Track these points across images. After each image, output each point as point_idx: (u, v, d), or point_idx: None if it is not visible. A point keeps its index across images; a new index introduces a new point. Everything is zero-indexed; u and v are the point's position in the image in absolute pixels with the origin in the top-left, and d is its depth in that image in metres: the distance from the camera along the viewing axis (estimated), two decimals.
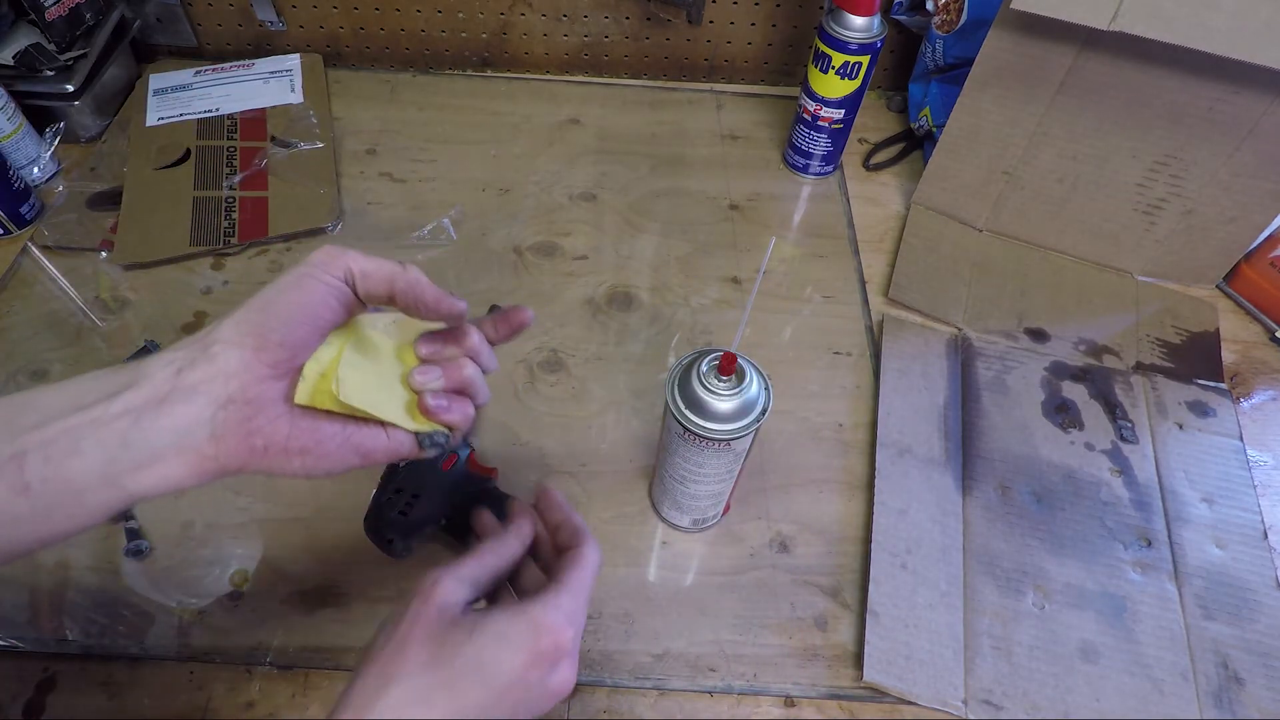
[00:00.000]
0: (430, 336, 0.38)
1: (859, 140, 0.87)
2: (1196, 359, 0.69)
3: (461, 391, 0.39)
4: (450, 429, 0.38)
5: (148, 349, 0.63)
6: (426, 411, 0.37)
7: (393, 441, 0.37)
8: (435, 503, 0.51)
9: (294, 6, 0.85)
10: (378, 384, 0.36)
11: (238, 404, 0.32)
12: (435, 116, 0.86)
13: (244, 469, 0.33)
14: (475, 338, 0.39)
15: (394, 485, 0.51)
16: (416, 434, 0.37)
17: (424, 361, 0.38)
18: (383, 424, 0.37)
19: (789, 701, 0.50)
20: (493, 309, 0.43)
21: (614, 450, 0.61)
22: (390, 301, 0.36)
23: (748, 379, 0.45)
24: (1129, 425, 0.64)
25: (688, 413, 0.45)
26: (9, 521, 0.30)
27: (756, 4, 0.85)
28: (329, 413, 0.35)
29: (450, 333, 0.39)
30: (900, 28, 0.85)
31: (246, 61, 0.86)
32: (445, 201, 0.77)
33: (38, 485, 0.29)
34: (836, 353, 0.68)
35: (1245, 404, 0.67)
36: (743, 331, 0.43)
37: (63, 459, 0.30)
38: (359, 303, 0.36)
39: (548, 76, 0.92)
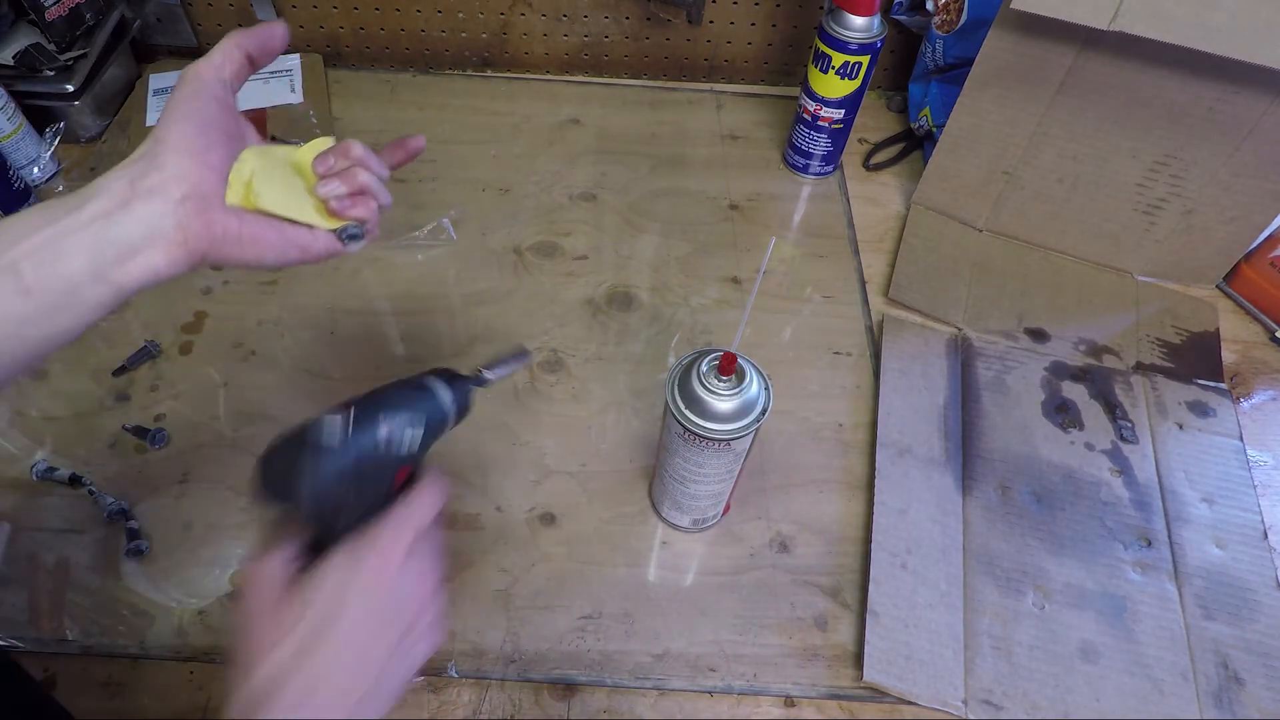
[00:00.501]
0: (322, 155, 0.42)
1: (859, 140, 0.87)
2: (1196, 359, 0.69)
3: (362, 194, 0.42)
4: (361, 222, 0.42)
5: (148, 349, 0.63)
6: (334, 212, 0.41)
7: (319, 240, 0.41)
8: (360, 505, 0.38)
9: (294, 6, 0.85)
10: (288, 194, 0.41)
11: (193, 199, 0.36)
12: (435, 116, 0.86)
13: (209, 255, 0.37)
14: (358, 149, 0.42)
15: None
16: (335, 231, 0.42)
17: (321, 177, 0.42)
18: (309, 226, 0.41)
19: (789, 701, 0.50)
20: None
21: (614, 450, 0.61)
22: (251, 63, 0.42)
23: (748, 379, 0.45)
24: (1129, 425, 0.64)
25: (688, 413, 0.45)
26: (19, 321, 0.33)
27: (756, 4, 0.85)
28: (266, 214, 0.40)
29: (337, 149, 0.43)
30: (900, 28, 0.85)
31: None
32: (445, 201, 0.77)
33: (36, 287, 0.33)
34: (836, 353, 0.68)
35: (1245, 404, 0.67)
36: (743, 331, 0.43)
37: (54, 262, 0.33)
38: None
39: (548, 76, 0.92)
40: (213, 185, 0.37)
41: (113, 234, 0.34)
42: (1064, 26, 0.60)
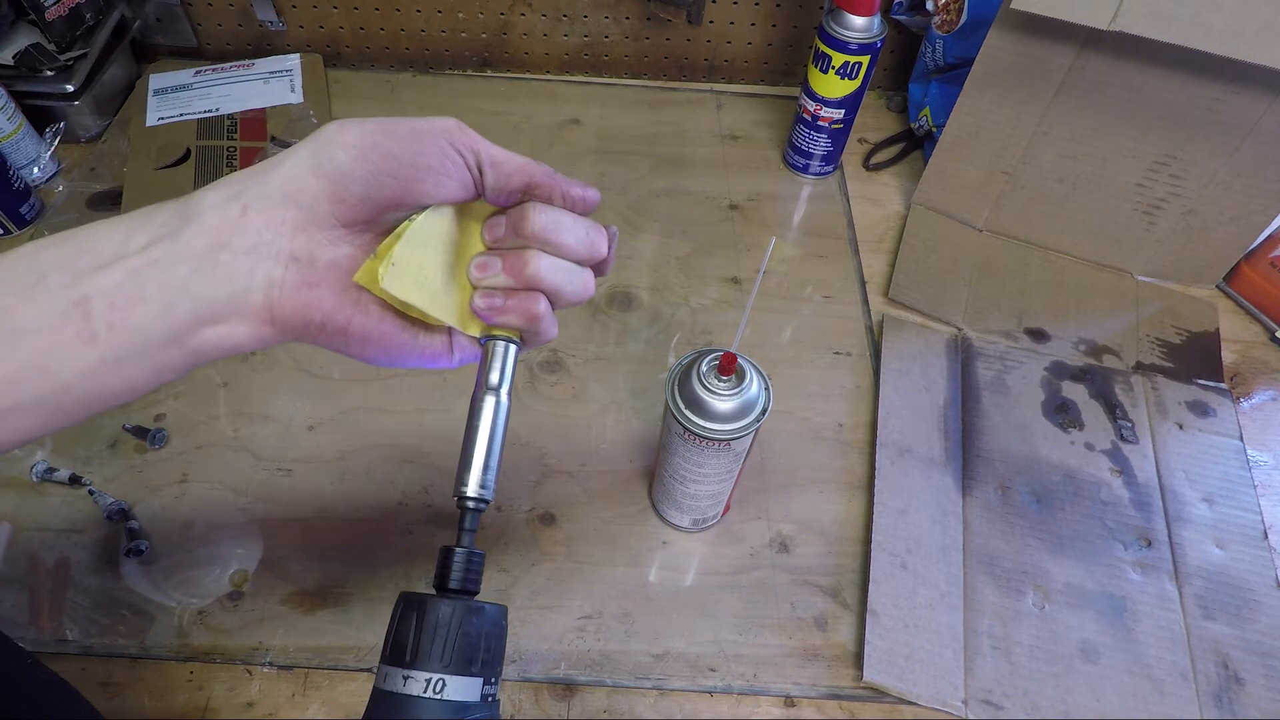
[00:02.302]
0: (494, 220, 0.32)
1: (859, 140, 0.87)
2: (1196, 359, 0.69)
3: (529, 292, 0.32)
4: (515, 333, 0.33)
5: None
6: (477, 313, 0.31)
7: (459, 350, 0.33)
8: None
9: (294, 6, 0.85)
10: (435, 276, 0.31)
11: (300, 265, 0.28)
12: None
13: (301, 340, 0.29)
14: (542, 218, 0.31)
15: None
16: (480, 339, 0.33)
17: (487, 249, 0.32)
18: (446, 330, 0.33)
19: (789, 701, 0.50)
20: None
21: (614, 450, 0.61)
22: (524, 199, 0.31)
23: (748, 379, 0.45)
24: (1129, 425, 0.64)
25: (688, 413, 0.45)
26: (80, 375, 0.27)
27: (756, 4, 0.85)
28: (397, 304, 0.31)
29: (514, 213, 0.32)
30: (900, 28, 0.85)
31: (246, 61, 0.86)
32: None
33: (104, 334, 0.27)
34: (836, 353, 0.68)
35: (1245, 404, 0.67)
36: (743, 331, 0.43)
37: (128, 306, 0.27)
38: (478, 195, 0.31)
39: (548, 76, 0.92)
40: (335, 248, 0.29)
41: (200, 288, 0.27)
42: (1064, 26, 0.60)
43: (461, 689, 0.28)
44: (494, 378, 0.33)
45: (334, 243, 0.29)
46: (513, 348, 0.33)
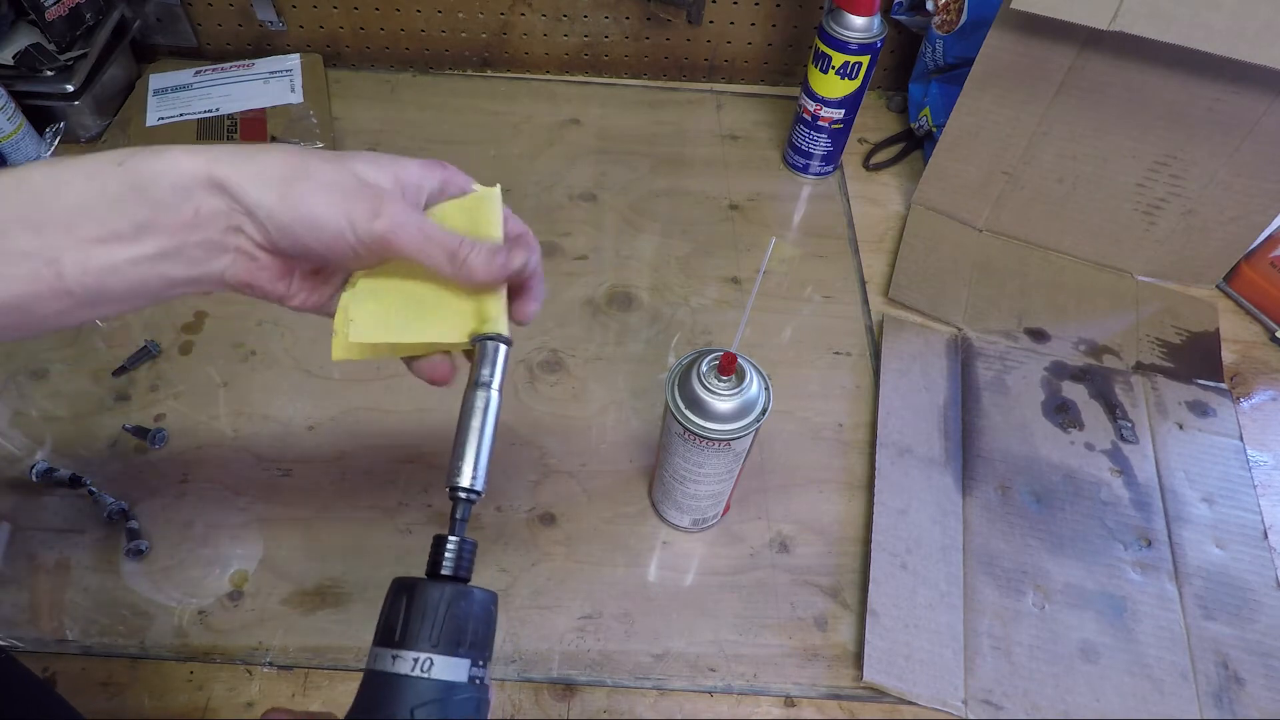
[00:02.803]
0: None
1: (859, 140, 0.87)
2: (1196, 359, 0.69)
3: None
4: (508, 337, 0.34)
5: (148, 349, 0.63)
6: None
7: (446, 363, 0.36)
8: None
9: (294, 6, 0.85)
10: (401, 310, 0.33)
11: (246, 257, 0.33)
12: (435, 116, 0.86)
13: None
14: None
15: None
16: (472, 341, 0.34)
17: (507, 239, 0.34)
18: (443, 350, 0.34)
19: (789, 701, 0.50)
20: None
21: (614, 450, 0.61)
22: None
23: (748, 379, 0.45)
24: (1129, 425, 0.64)
25: (688, 413, 0.45)
26: (56, 314, 0.30)
27: (756, 4, 0.85)
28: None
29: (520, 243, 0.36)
30: (900, 28, 0.85)
31: (246, 61, 0.86)
32: None
33: (79, 291, 0.29)
34: (836, 353, 0.68)
35: (1245, 404, 0.67)
36: (743, 331, 0.43)
37: (101, 274, 0.30)
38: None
39: (548, 76, 0.92)
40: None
41: (168, 272, 0.31)
42: (1064, 26, 0.60)
43: (449, 669, 0.28)
44: (485, 374, 0.34)
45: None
46: (504, 347, 0.35)
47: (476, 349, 0.35)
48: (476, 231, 0.35)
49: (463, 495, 0.33)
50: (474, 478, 0.33)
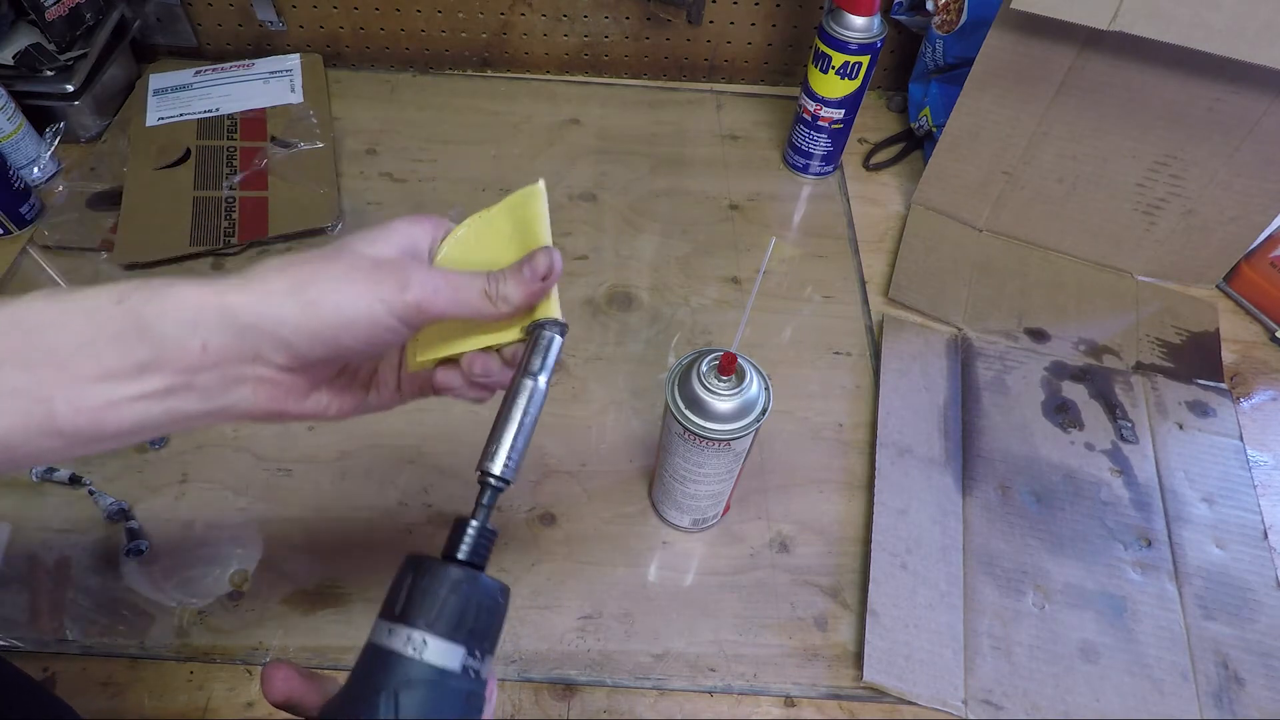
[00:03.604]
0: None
1: (859, 140, 0.87)
2: (1196, 359, 0.69)
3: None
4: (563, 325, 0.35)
5: None
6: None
7: (505, 357, 0.36)
8: None
9: (294, 6, 0.85)
10: (456, 325, 0.35)
11: (268, 383, 0.31)
12: (435, 116, 0.86)
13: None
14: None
15: None
16: (526, 337, 0.35)
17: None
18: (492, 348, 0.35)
19: (789, 701, 0.50)
20: None
21: (614, 450, 0.61)
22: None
23: (748, 379, 0.45)
24: (1129, 425, 0.64)
25: (688, 413, 0.45)
26: (38, 455, 0.29)
27: (756, 4, 0.85)
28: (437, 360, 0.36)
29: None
30: (900, 28, 0.85)
31: (246, 61, 0.86)
32: (445, 201, 0.77)
33: (70, 431, 0.28)
34: (836, 353, 0.68)
35: (1245, 404, 0.67)
36: (743, 331, 0.43)
37: (96, 412, 0.29)
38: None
39: (548, 76, 0.92)
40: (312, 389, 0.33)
41: (174, 407, 0.30)
42: (1064, 26, 0.60)
43: (442, 653, 0.28)
44: (536, 364, 0.33)
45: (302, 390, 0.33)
46: (557, 338, 0.34)
47: (529, 337, 0.34)
48: (524, 232, 0.36)
49: (493, 482, 0.32)
50: (506, 466, 0.32)
